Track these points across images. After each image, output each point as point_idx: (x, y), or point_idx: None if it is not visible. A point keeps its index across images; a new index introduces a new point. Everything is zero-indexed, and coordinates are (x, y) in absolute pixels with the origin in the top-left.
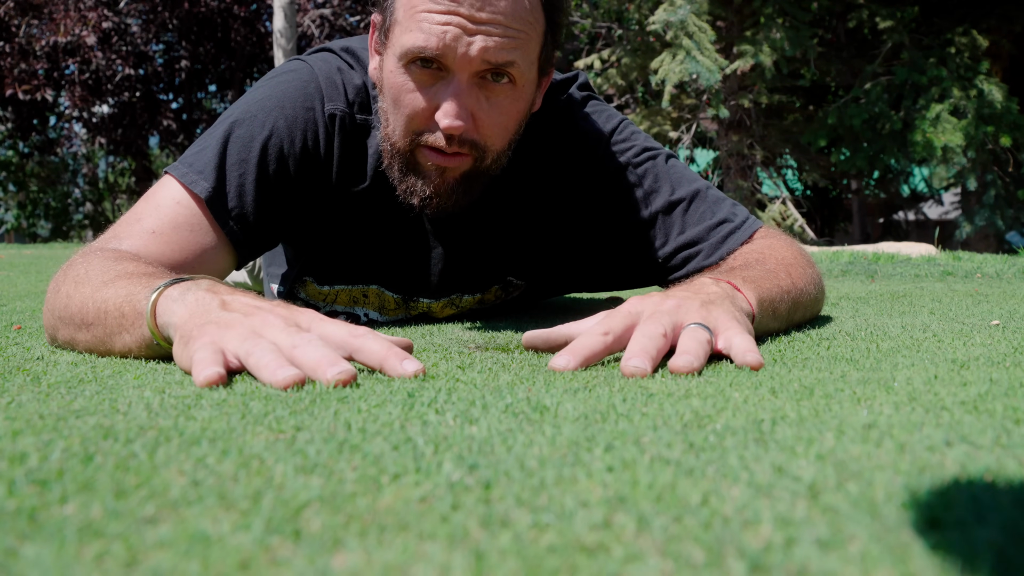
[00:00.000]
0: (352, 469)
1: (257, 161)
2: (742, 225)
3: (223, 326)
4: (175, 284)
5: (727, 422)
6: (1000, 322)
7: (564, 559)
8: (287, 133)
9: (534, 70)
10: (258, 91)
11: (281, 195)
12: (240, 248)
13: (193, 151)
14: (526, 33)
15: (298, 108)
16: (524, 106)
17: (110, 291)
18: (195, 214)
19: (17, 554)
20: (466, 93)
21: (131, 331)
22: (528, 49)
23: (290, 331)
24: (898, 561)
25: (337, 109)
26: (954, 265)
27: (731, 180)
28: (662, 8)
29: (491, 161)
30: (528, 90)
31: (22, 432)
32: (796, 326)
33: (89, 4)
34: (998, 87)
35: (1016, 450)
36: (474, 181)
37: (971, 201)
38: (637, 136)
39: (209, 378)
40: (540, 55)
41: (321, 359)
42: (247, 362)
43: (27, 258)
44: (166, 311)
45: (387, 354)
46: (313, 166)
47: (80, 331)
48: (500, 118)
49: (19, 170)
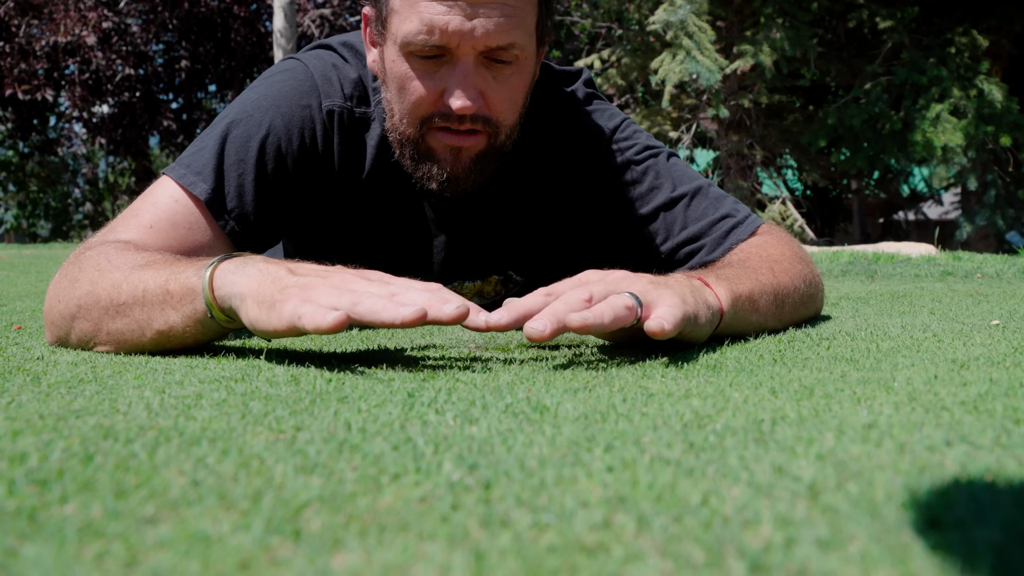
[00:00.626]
0: (352, 469)
1: (255, 160)
2: (744, 221)
3: (305, 287)
4: (228, 259)
5: (727, 422)
6: (1000, 322)
7: (564, 559)
8: (284, 131)
9: (533, 42)
10: (254, 91)
11: (280, 193)
12: (240, 246)
13: (190, 152)
14: (522, 8)
15: (294, 106)
16: (529, 78)
17: (147, 273)
18: (192, 212)
19: (17, 554)
20: (474, 73)
21: (179, 307)
22: (526, 23)
23: (376, 284)
24: (898, 561)
25: (335, 105)
26: (954, 265)
27: (731, 180)
28: (662, 8)
29: (504, 136)
30: (530, 62)
31: (22, 432)
32: (794, 324)
33: (89, 4)
34: (998, 87)
35: (1016, 450)
36: (489, 159)
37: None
38: (639, 135)
39: (338, 319)
40: (537, 26)
41: (430, 298)
42: (355, 311)
43: (27, 258)
44: (227, 283)
45: (469, 305)
46: (312, 163)
47: (108, 315)
48: (508, 93)
49: (19, 170)
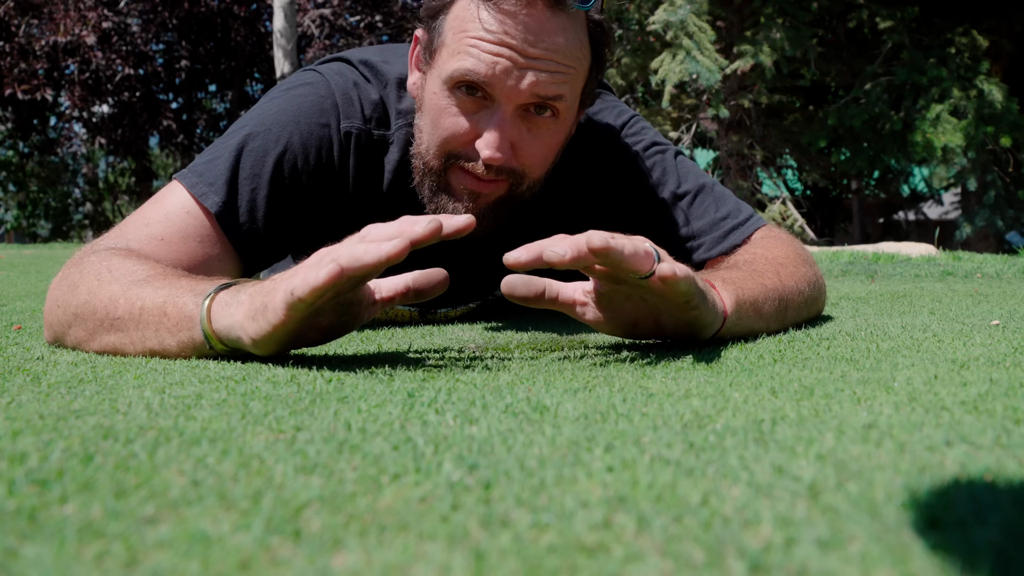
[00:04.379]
0: (352, 469)
1: (270, 177)
2: (746, 222)
3: (288, 277)
4: (225, 289)
5: (727, 422)
6: (1000, 322)
7: (564, 559)
8: (302, 149)
9: (577, 103)
10: (273, 103)
11: (293, 211)
12: (248, 260)
13: (204, 160)
14: (575, 69)
15: (313, 124)
16: (564, 137)
17: (146, 290)
18: (204, 225)
19: (17, 554)
20: (510, 124)
21: (175, 332)
22: (575, 84)
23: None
24: (898, 561)
25: (353, 127)
26: (954, 265)
27: (731, 180)
28: (662, 8)
29: (527, 188)
30: (570, 122)
31: (22, 432)
32: (795, 325)
33: (89, 4)
34: (998, 87)
35: (1016, 450)
36: (506, 206)
37: (971, 201)
38: (647, 131)
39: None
40: (584, 89)
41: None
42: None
43: (27, 258)
44: (224, 316)
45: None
46: (327, 183)
47: (103, 328)
48: (541, 148)
49: (19, 170)
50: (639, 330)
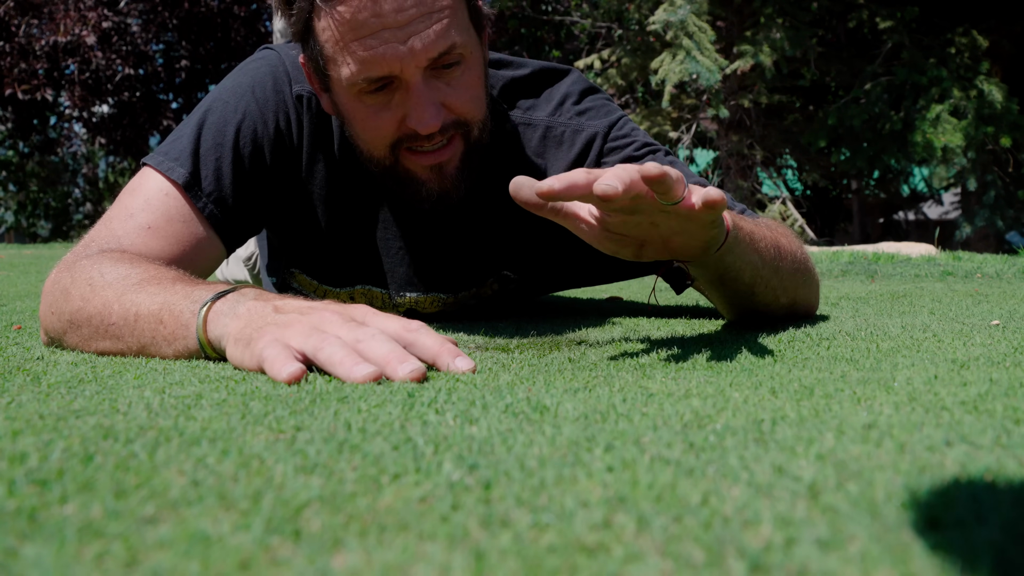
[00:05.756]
0: (352, 469)
1: (232, 144)
2: (740, 213)
3: (283, 325)
4: (221, 298)
5: (727, 422)
6: (1000, 322)
7: (564, 559)
8: (260, 116)
9: (472, 32)
10: (229, 80)
11: (258, 177)
12: (223, 233)
13: (169, 141)
14: (448, 6)
15: (268, 91)
16: (481, 68)
17: (140, 296)
18: (183, 204)
19: (17, 554)
20: (425, 90)
21: (171, 340)
22: (457, 19)
23: (350, 326)
24: (898, 561)
25: (304, 90)
26: (954, 265)
27: (731, 180)
28: (662, 8)
29: (478, 130)
30: (477, 53)
31: (22, 432)
32: (789, 301)
33: (89, 4)
34: (998, 87)
35: (1016, 450)
36: (471, 157)
37: (971, 201)
38: (637, 132)
39: (293, 374)
40: (470, 15)
41: (389, 355)
42: (317, 357)
43: (27, 258)
44: (218, 325)
45: (440, 350)
46: (287, 148)
47: (98, 335)
48: (467, 92)
49: (19, 170)
50: (644, 252)
